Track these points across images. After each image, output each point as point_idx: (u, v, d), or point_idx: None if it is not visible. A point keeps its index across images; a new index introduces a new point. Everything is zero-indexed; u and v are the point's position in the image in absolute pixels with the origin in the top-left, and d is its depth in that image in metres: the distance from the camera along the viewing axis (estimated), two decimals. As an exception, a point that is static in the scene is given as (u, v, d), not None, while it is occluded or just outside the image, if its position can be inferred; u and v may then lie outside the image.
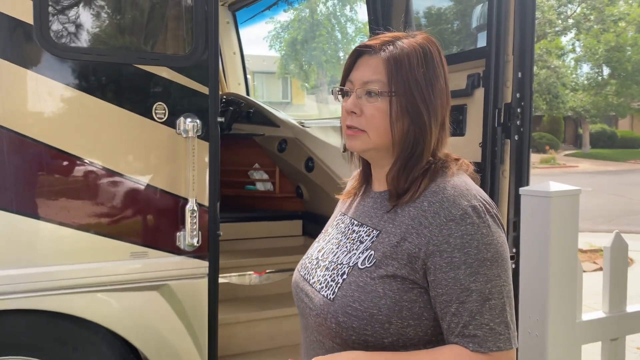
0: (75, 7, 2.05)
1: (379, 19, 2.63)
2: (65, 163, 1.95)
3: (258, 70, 27.77)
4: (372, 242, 1.04)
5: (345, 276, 1.03)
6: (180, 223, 2.12)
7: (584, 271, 6.15)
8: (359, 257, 1.04)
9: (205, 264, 2.16)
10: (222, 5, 4.61)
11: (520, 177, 1.92)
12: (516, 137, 1.92)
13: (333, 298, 1.02)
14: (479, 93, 2.03)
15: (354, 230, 1.11)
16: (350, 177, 1.27)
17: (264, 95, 27.44)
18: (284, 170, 3.52)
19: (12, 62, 1.86)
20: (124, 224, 2.04)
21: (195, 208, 2.11)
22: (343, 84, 1.12)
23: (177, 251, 2.12)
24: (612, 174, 20.16)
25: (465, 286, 0.94)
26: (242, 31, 4.82)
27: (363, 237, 1.07)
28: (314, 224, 3.39)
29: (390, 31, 1.12)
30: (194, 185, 2.10)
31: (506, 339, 0.95)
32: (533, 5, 1.92)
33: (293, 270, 3.02)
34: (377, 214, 1.08)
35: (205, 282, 2.16)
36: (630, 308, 1.72)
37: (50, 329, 1.98)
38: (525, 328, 1.52)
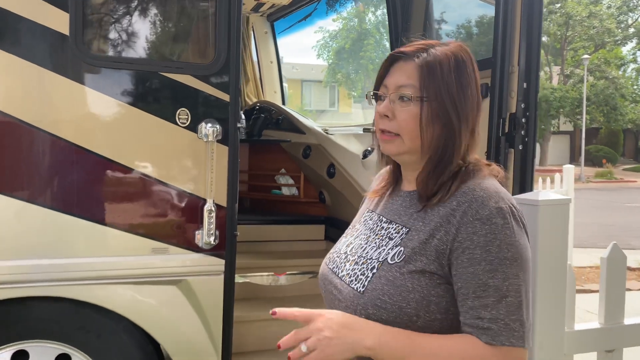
0: (107, 20, 2.22)
1: (399, 24, 2.67)
2: (94, 164, 2.10)
3: (307, 78, 28.08)
4: (401, 239, 1.08)
5: (375, 270, 1.07)
6: (199, 222, 2.23)
7: (630, 290, 5.87)
8: (389, 252, 1.08)
9: (222, 262, 2.25)
10: (260, 16, 4.77)
11: (524, 187, 1.93)
12: (520, 147, 1.93)
13: (363, 291, 1.06)
14: (485, 103, 2.05)
15: (382, 227, 1.15)
16: (377, 175, 1.31)
17: (311, 104, 27.69)
18: (308, 176, 3.61)
19: (49, 70, 2.03)
20: (147, 221, 2.17)
21: (213, 208, 2.22)
22: (377, 88, 1.15)
23: (196, 249, 2.23)
24: (673, 190, 19.14)
25: (483, 281, 0.98)
26: (291, 40, 4.95)
27: (392, 234, 1.11)
28: (335, 229, 3.46)
29: (420, 39, 1.16)
30: (212, 186, 2.21)
31: (519, 336, 0.97)
32: (540, 17, 1.92)
33: (313, 273, 3.09)
34: (407, 213, 1.12)
35: (221, 279, 2.25)
36: (628, 321, 1.70)
37: (76, 317, 2.13)
38: (514, 334, 1.54)
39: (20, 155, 2.02)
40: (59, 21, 2.04)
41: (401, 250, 1.07)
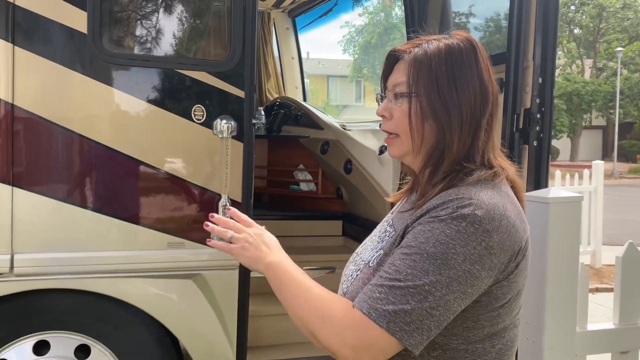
0: (124, 19, 2.26)
1: (415, 17, 2.64)
2: (110, 159, 2.14)
3: (333, 74, 28.01)
4: (386, 242, 1.06)
5: (358, 272, 1.06)
6: (214, 217, 2.25)
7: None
8: (373, 255, 1.06)
9: (237, 256, 2.27)
10: (281, 11, 4.78)
11: (538, 184, 1.89)
12: (535, 143, 1.88)
13: (345, 292, 1.06)
14: (500, 99, 2.00)
15: (385, 230, 1.12)
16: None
17: (337, 99, 27.62)
18: (326, 172, 3.61)
19: (67, 67, 2.08)
20: (163, 216, 2.21)
21: (228, 204, 2.24)
22: (383, 90, 1.12)
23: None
24: None
25: (393, 261, 0.95)
26: (317, 36, 4.95)
27: (385, 237, 1.09)
28: (353, 225, 3.45)
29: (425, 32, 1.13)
30: (227, 182, 2.23)
31: (382, 315, 0.90)
32: (556, 10, 1.87)
33: (330, 268, 3.10)
34: (404, 215, 1.08)
35: (236, 273, 2.27)
36: (645, 322, 1.65)
37: (95, 309, 2.18)
38: (524, 333, 1.52)
39: (39, 151, 2.07)
40: (77, 20, 2.08)
41: (380, 253, 1.05)
